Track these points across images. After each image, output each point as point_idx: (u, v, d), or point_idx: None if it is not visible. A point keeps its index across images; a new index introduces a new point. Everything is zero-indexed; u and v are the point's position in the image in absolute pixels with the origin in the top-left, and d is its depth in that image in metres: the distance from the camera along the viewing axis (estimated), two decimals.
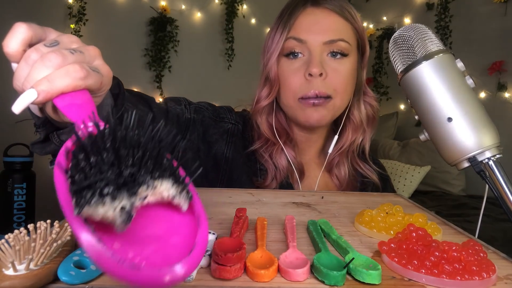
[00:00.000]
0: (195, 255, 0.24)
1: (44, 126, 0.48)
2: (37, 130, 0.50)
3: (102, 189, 0.22)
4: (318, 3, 0.73)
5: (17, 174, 2.08)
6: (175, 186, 0.26)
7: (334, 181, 0.82)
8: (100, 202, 0.22)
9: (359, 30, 0.75)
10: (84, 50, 0.35)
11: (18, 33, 0.33)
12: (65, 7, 2.67)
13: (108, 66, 0.37)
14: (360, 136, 0.79)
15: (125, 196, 0.23)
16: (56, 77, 0.31)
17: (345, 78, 0.73)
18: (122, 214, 0.23)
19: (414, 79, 0.45)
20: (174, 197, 0.26)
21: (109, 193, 0.22)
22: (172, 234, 0.27)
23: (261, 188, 0.76)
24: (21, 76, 0.33)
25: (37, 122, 0.48)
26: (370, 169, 0.83)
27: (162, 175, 0.25)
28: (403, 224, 0.45)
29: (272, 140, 0.78)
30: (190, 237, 0.26)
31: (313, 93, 0.70)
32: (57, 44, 0.34)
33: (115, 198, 0.22)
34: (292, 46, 0.72)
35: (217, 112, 0.82)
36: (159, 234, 0.26)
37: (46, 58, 0.31)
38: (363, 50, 0.78)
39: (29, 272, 0.29)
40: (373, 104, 0.81)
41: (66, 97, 0.32)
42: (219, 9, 3.21)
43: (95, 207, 0.22)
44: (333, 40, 0.71)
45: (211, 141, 0.77)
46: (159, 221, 0.27)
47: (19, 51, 0.33)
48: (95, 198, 0.22)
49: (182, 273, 0.22)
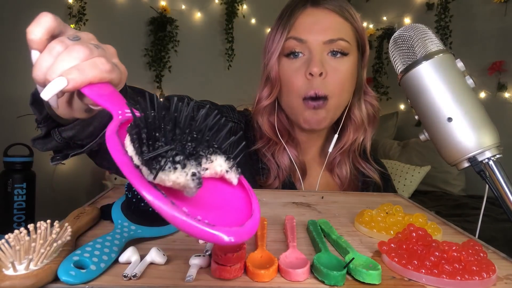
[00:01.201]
0: (256, 217, 0.27)
1: (45, 122, 0.49)
2: (38, 126, 0.50)
3: (174, 157, 0.24)
4: (318, 3, 0.74)
5: (17, 174, 2.07)
6: (227, 162, 0.29)
7: (335, 180, 0.82)
8: (173, 169, 0.24)
9: (358, 29, 0.76)
10: (104, 47, 0.36)
11: (44, 22, 0.34)
12: (65, 7, 2.67)
13: (123, 65, 0.38)
14: (361, 135, 0.80)
15: (194, 164, 0.25)
16: (85, 68, 0.32)
17: (345, 77, 0.73)
18: (194, 179, 0.25)
19: (414, 79, 0.45)
20: (227, 171, 0.29)
21: (180, 161, 0.25)
22: (228, 204, 0.30)
23: (264, 186, 0.76)
24: (44, 66, 0.33)
25: (38, 118, 0.49)
26: (372, 169, 0.83)
27: (216, 151, 0.28)
28: (403, 224, 0.45)
29: (274, 140, 0.78)
30: (242, 208, 0.29)
31: (313, 93, 0.71)
32: (79, 39, 0.35)
33: (185, 166, 0.25)
34: (293, 46, 0.73)
35: (220, 111, 0.82)
36: (218, 203, 0.29)
37: (74, 49, 0.33)
38: (363, 50, 0.78)
39: (29, 272, 0.29)
40: (374, 103, 0.81)
41: (94, 87, 0.33)
42: (219, 9, 3.21)
43: (168, 173, 0.24)
44: (333, 39, 0.71)
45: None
46: (215, 193, 0.30)
47: (42, 40, 0.34)
48: (169, 164, 0.24)
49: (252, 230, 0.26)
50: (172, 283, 0.31)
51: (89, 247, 0.34)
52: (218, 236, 0.23)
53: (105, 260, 0.33)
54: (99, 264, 0.32)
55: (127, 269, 0.32)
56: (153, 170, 0.24)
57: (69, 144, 0.52)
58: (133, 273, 0.31)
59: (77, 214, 0.44)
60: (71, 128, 0.48)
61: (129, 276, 0.31)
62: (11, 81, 2.42)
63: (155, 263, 0.35)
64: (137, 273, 0.32)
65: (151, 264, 0.35)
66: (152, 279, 0.32)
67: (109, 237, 0.37)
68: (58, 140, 0.50)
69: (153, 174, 0.24)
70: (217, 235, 0.23)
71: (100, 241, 0.35)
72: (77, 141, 0.51)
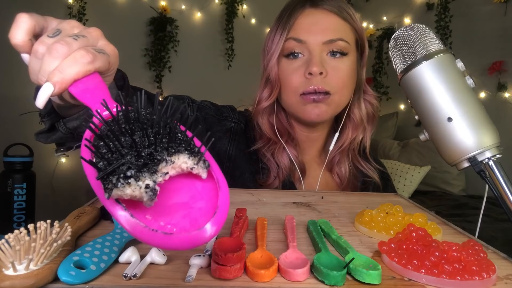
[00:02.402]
0: (220, 214, 0.27)
1: (49, 116, 0.50)
2: (42, 120, 0.51)
3: (125, 172, 0.24)
4: (317, 4, 0.74)
5: (17, 174, 2.07)
6: (191, 158, 0.28)
7: (335, 179, 0.83)
8: (126, 184, 0.24)
9: (357, 29, 0.76)
10: (86, 33, 0.35)
11: (22, 23, 0.34)
12: (65, 7, 2.67)
13: (112, 45, 0.38)
14: (361, 134, 0.80)
15: (147, 175, 0.25)
16: (66, 67, 0.32)
17: (345, 76, 0.74)
18: (147, 192, 0.25)
19: (414, 79, 0.45)
20: (192, 168, 0.29)
21: (132, 175, 0.25)
22: (197, 200, 0.29)
23: (264, 186, 0.76)
24: (35, 69, 0.34)
25: (42, 112, 0.49)
26: (371, 168, 0.83)
27: (178, 150, 0.28)
28: (403, 224, 0.45)
29: (274, 140, 0.78)
30: (214, 200, 0.29)
31: (312, 89, 0.71)
32: (60, 33, 0.34)
33: (139, 178, 0.25)
34: (292, 47, 0.73)
35: (220, 111, 0.83)
36: (185, 201, 0.29)
37: (53, 49, 0.32)
38: (362, 49, 0.79)
39: (29, 272, 0.29)
40: (373, 102, 0.82)
41: (79, 83, 0.33)
42: (219, 9, 3.21)
43: (122, 188, 0.24)
44: (332, 39, 0.72)
45: (215, 138, 0.77)
46: (184, 190, 0.29)
47: (26, 41, 0.34)
48: (121, 181, 0.24)
49: (212, 232, 0.26)
50: (172, 283, 0.31)
51: (89, 247, 0.34)
52: (176, 244, 0.25)
53: (105, 260, 0.33)
54: (99, 264, 0.32)
55: (127, 269, 0.32)
56: (106, 190, 0.24)
57: (73, 135, 0.52)
58: (133, 273, 0.32)
59: (77, 214, 0.44)
60: (75, 118, 0.49)
61: (129, 276, 0.31)
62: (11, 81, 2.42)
63: (155, 263, 0.35)
64: (137, 273, 0.32)
65: (151, 264, 0.35)
66: (152, 279, 0.32)
67: (109, 237, 0.37)
68: (63, 131, 0.51)
69: (107, 193, 0.24)
70: (175, 243, 0.25)
71: (100, 241, 0.35)
72: (81, 132, 0.51)
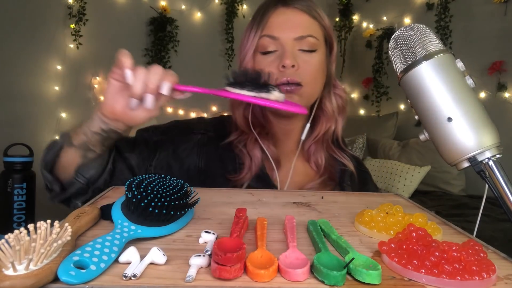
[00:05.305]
0: None
1: (56, 182, 0.68)
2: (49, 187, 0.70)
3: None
4: (288, 4, 0.79)
5: (17, 174, 2.08)
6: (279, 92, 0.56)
7: (312, 168, 0.87)
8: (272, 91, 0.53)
9: (326, 27, 0.81)
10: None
11: (127, 56, 0.57)
12: (65, 7, 2.66)
13: None
14: (333, 125, 0.86)
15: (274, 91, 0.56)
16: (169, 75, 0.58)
17: (315, 69, 0.78)
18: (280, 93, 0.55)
19: (414, 79, 0.45)
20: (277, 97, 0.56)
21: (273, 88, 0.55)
22: None
23: (238, 182, 0.78)
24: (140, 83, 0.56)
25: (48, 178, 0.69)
26: (345, 156, 0.89)
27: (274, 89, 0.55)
28: (403, 224, 0.45)
29: (246, 131, 0.81)
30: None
31: (285, 80, 0.75)
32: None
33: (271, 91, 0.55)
34: (267, 44, 0.78)
35: (188, 126, 0.88)
36: None
37: (153, 70, 0.57)
38: (331, 46, 0.84)
39: (29, 272, 0.29)
40: (343, 95, 0.88)
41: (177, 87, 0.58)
42: (219, 9, 3.21)
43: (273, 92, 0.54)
44: (303, 36, 0.76)
45: (183, 157, 0.81)
46: None
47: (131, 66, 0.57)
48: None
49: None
50: (172, 283, 0.31)
51: (89, 247, 0.34)
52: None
53: (105, 260, 0.33)
54: (99, 264, 0.32)
55: (127, 269, 0.32)
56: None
57: (87, 187, 0.68)
58: (133, 273, 0.32)
59: (77, 214, 0.44)
60: (91, 168, 0.66)
61: (129, 276, 0.31)
62: (11, 81, 2.42)
63: (155, 263, 0.35)
64: (137, 273, 0.32)
65: (151, 264, 0.35)
66: (152, 279, 0.32)
67: (109, 237, 0.37)
68: (82, 182, 0.66)
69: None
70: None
71: (100, 241, 0.35)
72: (94, 183, 0.67)
